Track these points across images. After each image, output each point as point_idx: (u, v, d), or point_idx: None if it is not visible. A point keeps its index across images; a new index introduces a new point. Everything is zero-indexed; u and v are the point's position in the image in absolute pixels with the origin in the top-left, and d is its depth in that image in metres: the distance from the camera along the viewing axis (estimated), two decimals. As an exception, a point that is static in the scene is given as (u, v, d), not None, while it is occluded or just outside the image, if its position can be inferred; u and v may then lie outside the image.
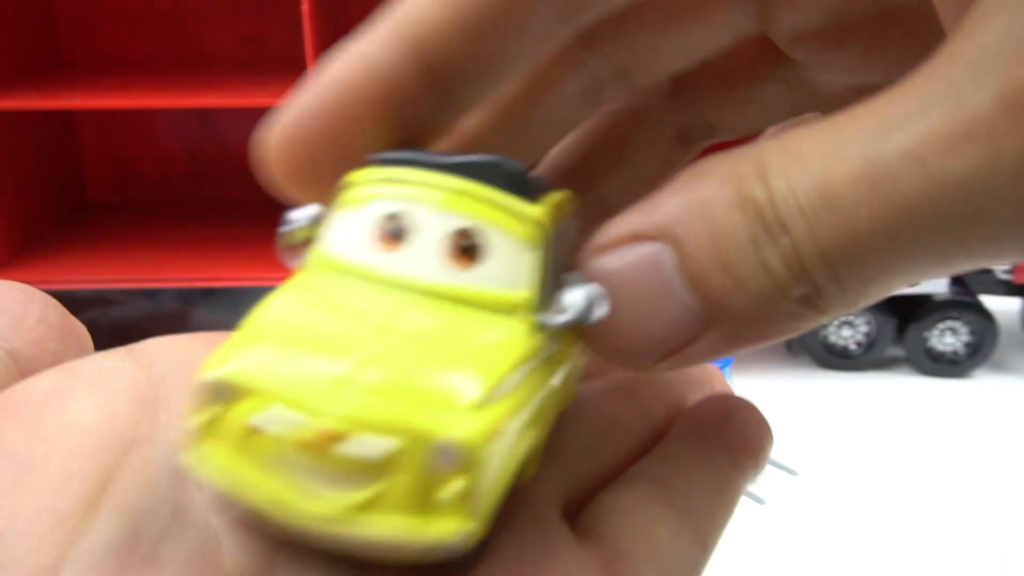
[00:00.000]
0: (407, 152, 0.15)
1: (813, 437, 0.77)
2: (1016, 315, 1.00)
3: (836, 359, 0.95)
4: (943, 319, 0.92)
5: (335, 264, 0.15)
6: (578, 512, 0.16)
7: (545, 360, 0.14)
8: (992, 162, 0.11)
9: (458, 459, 0.12)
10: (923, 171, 0.11)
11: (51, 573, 0.12)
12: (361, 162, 0.15)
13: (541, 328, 0.14)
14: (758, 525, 0.64)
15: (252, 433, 0.12)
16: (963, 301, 0.93)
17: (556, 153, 0.20)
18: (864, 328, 0.95)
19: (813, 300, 0.13)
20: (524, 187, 0.14)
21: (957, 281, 0.95)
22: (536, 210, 0.14)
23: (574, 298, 0.14)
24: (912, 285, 0.13)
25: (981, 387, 0.89)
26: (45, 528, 0.12)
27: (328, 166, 0.15)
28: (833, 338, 0.96)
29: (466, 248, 0.14)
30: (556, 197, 0.15)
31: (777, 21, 0.17)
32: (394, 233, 0.14)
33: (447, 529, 0.12)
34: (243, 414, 0.12)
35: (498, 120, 0.18)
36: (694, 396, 0.20)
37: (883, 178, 0.11)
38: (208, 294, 0.87)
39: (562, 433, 0.16)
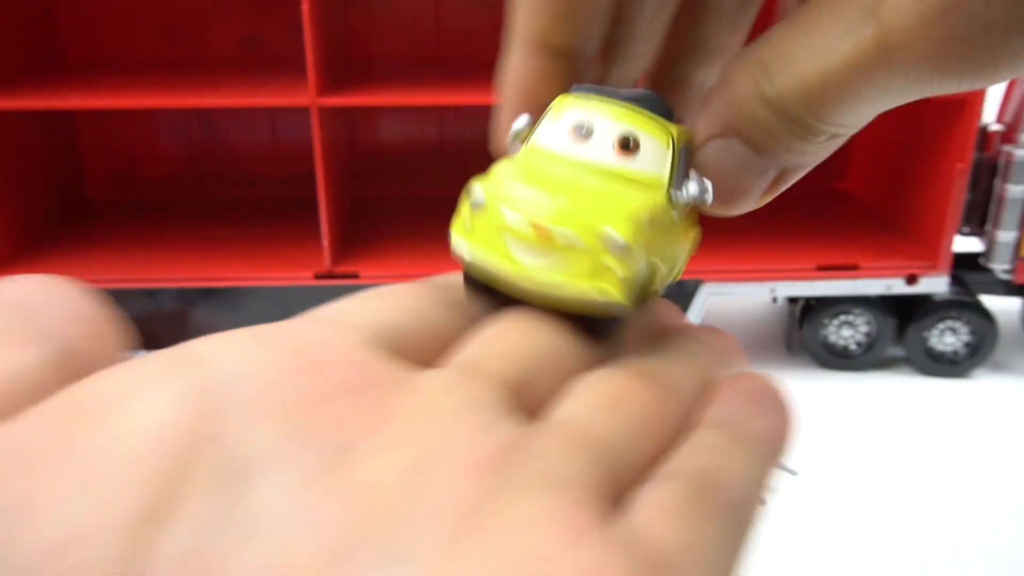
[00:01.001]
0: (593, 86, 0.24)
1: (813, 437, 0.77)
2: (1016, 315, 1.00)
3: (836, 359, 0.95)
4: (943, 319, 0.92)
5: (541, 151, 0.23)
6: (619, 500, 0.18)
7: (671, 221, 0.23)
8: (885, 79, 0.20)
9: (620, 245, 0.20)
10: (856, 78, 0.20)
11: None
12: (563, 90, 0.24)
13: (670, 199, 0.22)
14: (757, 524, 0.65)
15: (498, 226, 0.21)
16: (963, 301, 0.93)
17: (653, 66, 0.28)
18: (864, 328, 0.95)
19: (834, 137, 0.22)
20: (667, 112, 0.23)
21: (957, 281, 0.95)
22: (672, 127, 0.23)
23: (692, 186, 0.22)
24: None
25: (981, 387, 0.89)
26: (120, 527, 0.13)
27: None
28: (833, 338, 0.96)
29: (627, 145, 0.23)
30: (684, 127, 0.23)
31: None
32: (582, 133, 0.23)
33: (610, 291, 0.20)
34: (492, 214, 0.21)
35: (618, 48, 0.27)
36: (722, 372, 0.23)
37: (838, 81, 0.20)
38: (207, 294, 0.87)
39: (604, 417, 0.19)
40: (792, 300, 0.96)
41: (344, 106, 0.82)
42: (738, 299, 1.00)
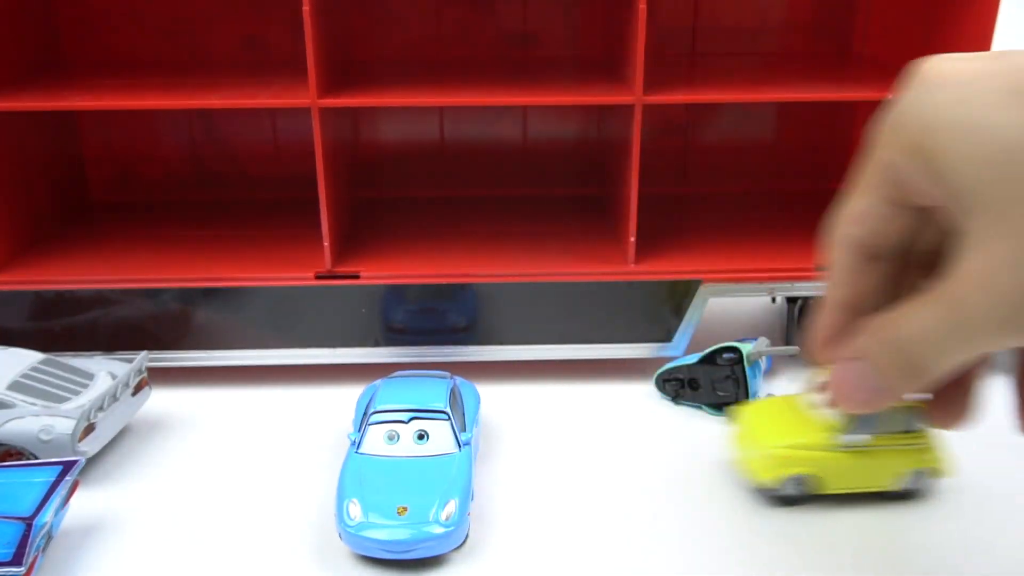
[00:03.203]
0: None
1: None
2: (1015, 315, 1.00)
3: (835, 359, 0.95)
4: (942, 319, 0.92)
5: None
6: None
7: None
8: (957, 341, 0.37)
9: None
10: (955, 338, 0.37)
11: None
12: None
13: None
14: (751, 521, 0.65)
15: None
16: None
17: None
18: (863, 328, 0.95)
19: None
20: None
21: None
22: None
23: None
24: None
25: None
26: None
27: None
28: (832, 338, 0.96)
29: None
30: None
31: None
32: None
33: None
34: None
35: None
36: None
37: (930, 343, 0.38)
38: (208, 294, 0.87)
39: None
40: (791, 300, 0.96)
41: (345, 107, 0.82)
42: (737, 299, 1.01)
